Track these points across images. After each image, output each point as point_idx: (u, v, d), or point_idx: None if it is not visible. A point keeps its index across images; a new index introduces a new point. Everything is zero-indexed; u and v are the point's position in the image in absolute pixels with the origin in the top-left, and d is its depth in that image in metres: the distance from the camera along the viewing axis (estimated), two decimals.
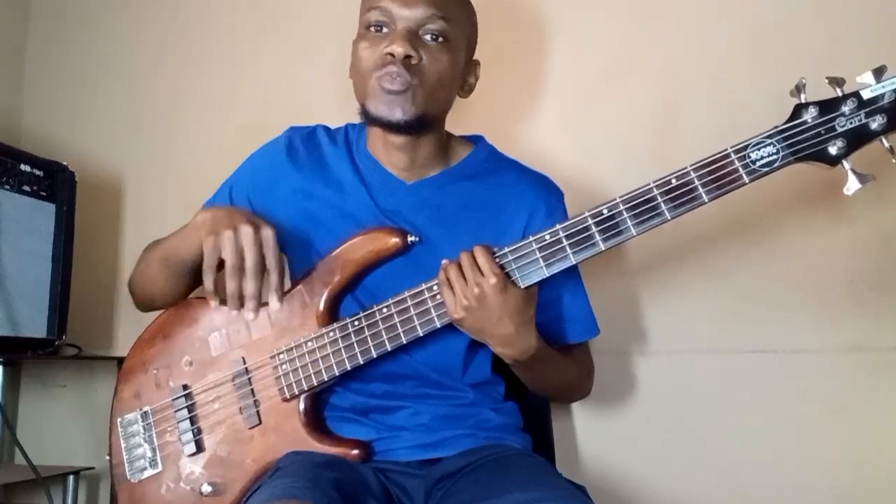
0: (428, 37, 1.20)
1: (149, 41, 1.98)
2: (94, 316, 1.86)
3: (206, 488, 1.22)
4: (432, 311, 1.15)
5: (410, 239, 1.21)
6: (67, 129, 1.99)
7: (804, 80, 1.04)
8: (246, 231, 1.15)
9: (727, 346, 1.54)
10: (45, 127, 2.00)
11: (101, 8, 2.02)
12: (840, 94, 1.03)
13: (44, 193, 1.68)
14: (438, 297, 1.14)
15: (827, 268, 1.50)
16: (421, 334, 1.16)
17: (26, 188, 1.64)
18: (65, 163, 1.73)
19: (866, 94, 1.02)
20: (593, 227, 1.09)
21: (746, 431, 1.52)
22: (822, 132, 1.03)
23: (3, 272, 1.56)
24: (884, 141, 1.02)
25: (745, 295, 1.54)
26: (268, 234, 1.16)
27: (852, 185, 1.03)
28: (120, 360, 1.73)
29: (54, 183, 1.71)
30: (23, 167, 1.64)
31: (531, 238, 1.12)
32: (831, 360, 1.48)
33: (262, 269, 1.17)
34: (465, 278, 1.10)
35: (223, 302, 1.21)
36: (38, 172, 1.67)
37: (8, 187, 1.60)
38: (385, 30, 1.21)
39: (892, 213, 1.47)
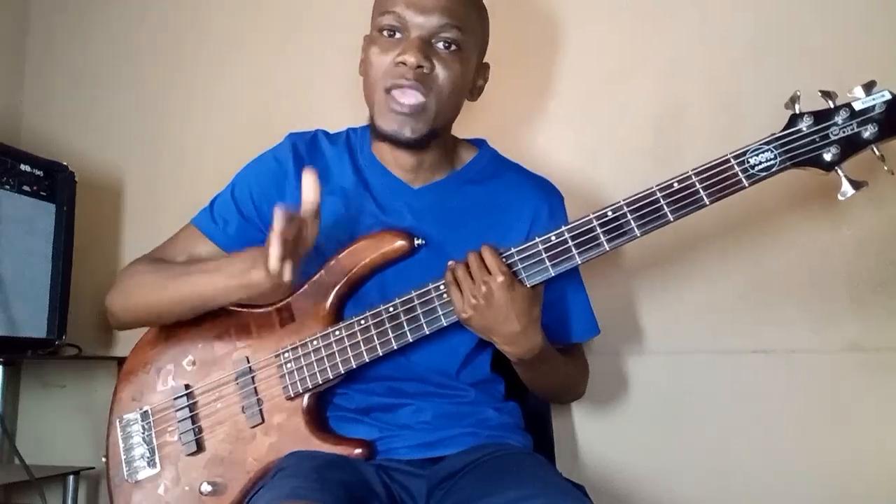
0: (441, 45, 1.20)
1: (149, 41, 1.98)
2: (94, 316, 1.85)
3: (206, 488, 1.21)
4: (439, 309, 1.16)
5: (417, 242, 1.21)
6: (67, 129, 1.98)
7: (799, 93, 1.09)
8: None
9: (727, 346, 1.54)
10: (45, 127, 2.00)
11: (101, 8, 2.01)
12: (832, 105, 1.08)
13: (44, 193, 1.68)
14: (445, 296, 1.15)
15: (826, 268, 1.51)
16: (427, 333, 1.16)
17: (26, 188, 1.63)
18: (65, 163, 1.73)
19: (858, 106, 1.07)
20: (598, 228, 1.12)
21: (746, 432, 1.52)
22: (817, 140, 1.08)
23: (2, 272, 1.56)
24: (875, 149, 1.07)
25: (744, 295, 1.54)
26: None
27: (847, 190, 1.07)
28: (120, 360, 1.73)
29: (54, 183, 1.70)
30: (23, 167, 1.64)
31: (537, 239, 1.13)
32: (831, 360, 1.49)
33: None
34: (472, 277, 1.11)
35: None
36: (38, 172, 1.67)
37: (8, 187, 1.59)
38: (398, 35, 1.20)
39: (889, 214, 1.48)
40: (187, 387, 1.26)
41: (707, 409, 1.55)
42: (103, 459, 1.30)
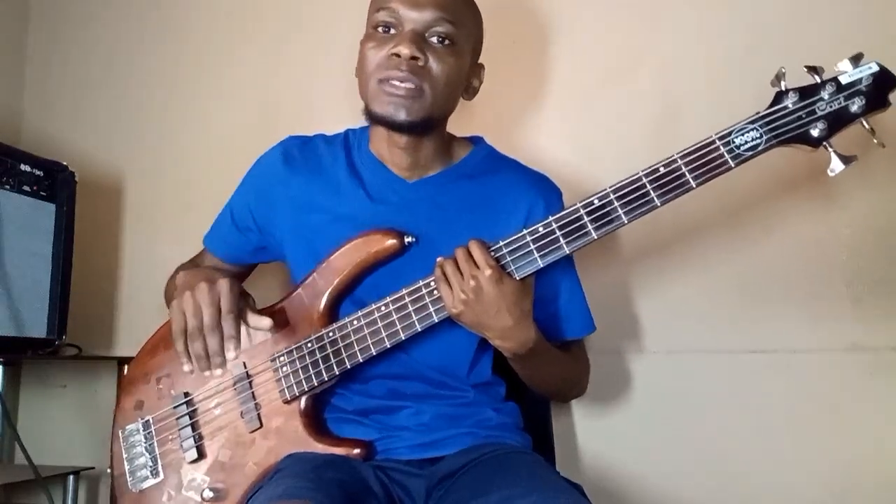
0: (434, 39, 1.20)
1: (149, 41, 1.97)
2: (94, 316, 1.86)
3: (208, 493, 1.22)
4: (430, 306, 1.15)
5: (407, 240, 1.21)
6: (67, 129, 1.98)
7: (784, 70, 1.07)
8: (201, 289, 1.17)
9: (727, 345, 1.54)
10: (45, 127, 2.00)
11: (102, 8, 2.01)
12: (819, 80, 1.06)
13: (44, 193, 1.67)
14: (436, 292, 1.15)
15: (825, 267, 1.50)
16: (419, 329, 1.16)
17: (26, 188, 1.63)
18: (65, 163, 1.73)
19: (844, 79, 1.05)
20: (585, 217, 1.11)
21: (745, 431, 1.52)
22: (804, 116, 1.06)
23: (3, 272, 1.56)
24: (864, 122, 1.05)
25: (744, 294, 1.54)
26: (222, 285, 1.18)
27: (836, 166, 1.05)
28: (120, 360, 1.74)
29: (54, 183, 1.70)
30: (23, 167, 1.63)
31: (525, 231, 1.13)
32: (830, 360, 1.49)
33: (220, 324, 1.18)
34: (461, 272, 1.11)
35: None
36: (38, 172, 1.66)
37: (8, 187, 1.59)
38: (392, 31, 1.21)
39: (888, 211, 1.47)
40: (186, 394, 1.26)
41: (707, 408, 1.55)
42: (108, 471, 1.31)
